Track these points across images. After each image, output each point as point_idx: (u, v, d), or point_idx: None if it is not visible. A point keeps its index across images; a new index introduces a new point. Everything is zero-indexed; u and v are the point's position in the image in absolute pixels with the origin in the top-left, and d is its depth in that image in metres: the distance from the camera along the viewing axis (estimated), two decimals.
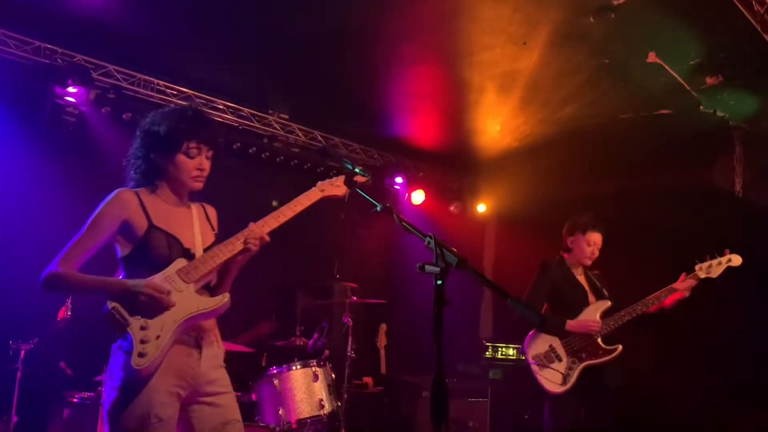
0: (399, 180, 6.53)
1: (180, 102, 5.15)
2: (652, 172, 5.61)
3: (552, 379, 3.84)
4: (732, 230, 5.30)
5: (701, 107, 4.64)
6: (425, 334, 1.94)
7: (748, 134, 4.91)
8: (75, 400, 3.69)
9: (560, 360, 3.86)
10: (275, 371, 4.03)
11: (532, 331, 4.02)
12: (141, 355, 2.12)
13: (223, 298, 2.31)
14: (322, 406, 3.99)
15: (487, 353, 6.13)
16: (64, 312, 3.60)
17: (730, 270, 3.80)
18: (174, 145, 2.34)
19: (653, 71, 4.38)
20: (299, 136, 5.76)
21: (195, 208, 2.50)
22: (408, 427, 5.09)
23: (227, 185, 5.34)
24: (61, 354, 3.91)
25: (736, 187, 4.92)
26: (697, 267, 3.86)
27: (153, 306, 2.18)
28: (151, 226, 2.30)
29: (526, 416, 5.87)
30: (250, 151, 5.51)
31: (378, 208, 2.32)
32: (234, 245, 2.35)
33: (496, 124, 5.62)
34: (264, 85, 5.35)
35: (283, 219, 2.47)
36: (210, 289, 2.39)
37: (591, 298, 3.98)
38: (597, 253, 4.04)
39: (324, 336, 4.38)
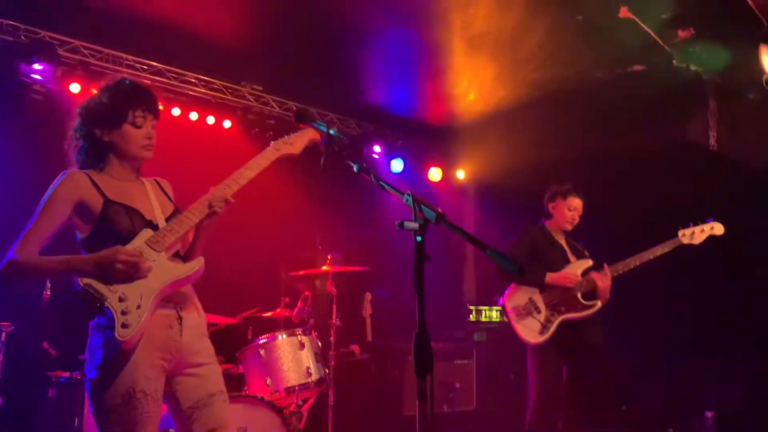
0: (377, 149, 6.50)
1: (151, 76, 5.06)
2: (627, 129, 5.64)
3: (531, 328, 3.90)
4: (708, 184, 5.37)
5: (674, 62, 4.65)
6: (410, 301, 1.95)
7: (721, 87, 4.94)
8: (60, 379, 3.68)
9: (539, 312, 3.92)
10: (261, 342, 4.03)
11: (512, 285, 4.07)
12: (124, 326, 2.07)
13: (198, 263, 2.27)
14: (310, 374, 4.00)
15: (471, 317, 6.21)
16: (45, 292, 3.56)
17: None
18: (119, 115, 2.27)
19: (626, 27, 4.38)
20: (274, 107, 5.70)
21: (148, 183, 2.44)
22: (396, 392, 5.15)
23: (202, 160, 5.33)
24: (44, 334, 3.88)
25: (710, 140, 4.97)
26: (680, 233, 3.95)
27: (129, 274, 2.12)
28: (108, 201, 2.23)
29: (512, 376, 5.96)
30: (225, 124, 5.44)
31: (355, 169, 2.31)
32: (199, 210, 2.32)
33: (472, 87, 5.60)
34: (236, 57, 5.27)
35: (243, 181, 2.43)
36: (181, 258, 2.35)
37: (572, 258, 4.05)
38: (577, 219, 4.11)
39: (308, 305, 4.39)
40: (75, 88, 4.70)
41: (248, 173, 2.45)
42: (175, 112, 5.19)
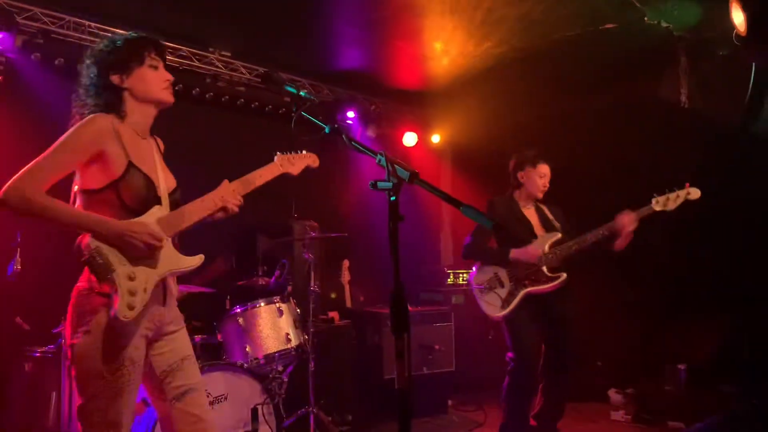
0: (351, 114, 6.44)
1: None
2: (601, 88, 5.65)
3: (492, 303, 3.93)
4: (679, 141, 5.42)
5: (646, 19, 4.63)
6: (388, 267, 1.94)
7: (692, 44, 4.95)
8: (35, 354, 3.64)
9: (503, 286, 3.94)
10: (239, 310, 4.02)
11: (477, 264, 4.11)
12: (130, 307, 2.08)
13: (200, 259, 2.32)
14: (289, 340, 4.01)
15: (449, 280, 6.26)
16: (15, 266, 3.49)
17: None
18: (136, 57, 2.26)
19: None
20: (243, 73, 5.58)
21: (152, 142, 2.40)
22: (376, 357, 5.19)
23: (171, 128, 5.23)
24: (16, 309, 3.82)
25: (681, 97, 4.99)
26: (653, 201, 3.92)
27: (145, 254, 2.14)
28: (131, 164, 2.18)
29: (490, 337, 6.05)
30: (193, 92, 5.33)
31: (326, 130, 2.29)
32: (213, 203, 2.39)
33: (445, 50, 5.54)
34: (203, 22, 5.13)
35: (251, 187, 2.53)
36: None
37: (539, 231, 4.03)
38: (548, 185, 4.10)
39: (285, 273, 4.38)
40: (36, 57, 4.55)
41: (256, 181, 2.55)
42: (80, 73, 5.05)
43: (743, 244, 5.01)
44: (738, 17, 3.73)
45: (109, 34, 4.87)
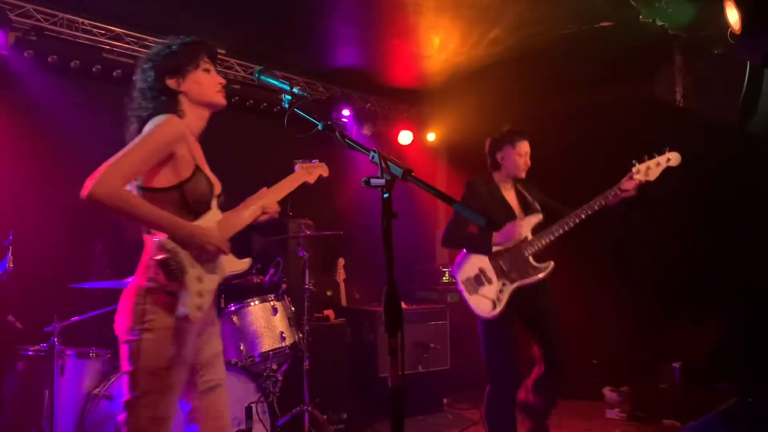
0: (346, 113, 6.42)
1: (109, 41, 4.89)
2: (596, 87, 5.65)
3: (483, 303, 3.70)
4: (674, 140, 5.42)
5: (641, 17, 4.63)
6: (384, 265, 1.93)
7: (687, 43, 4.95)
8: (28, 353, 3.61)
9: (490, 283, 3.70)
10: (233, 308, 4.01)
11: (461, 253, 3.86)
12: (199, 308, 2.17)
13: (247, 263, 2.43)
14: (284, 339, 4.00)
15: (444, 278, 6.26)
16: (7, 264, 3.47)
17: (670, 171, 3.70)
18: (191, 61, 2.33)
19: None
20: (238, 71, 5.57)
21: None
22: (370, 355, 5.18)
23: None
24: (8, 308, 3.80)
25: (677, 96, 4.99)
26: (634, 170, 3.70)
27: (211, 259, 2.23)
28: (197, 168, 2.26)
29: None
30: None
31: (319, 127, 2.27)
32: (256, 212, 2.51)
33: (440, 48, 5.54)
34: (197, 20, 5.10)
35: (283, 194, 2.68)
36: None
37: (519, 213, 3.80)
38: (529, 162, 3.84)
39: (280, 271, 4.36)
40: (29, 54, 4.52)
41: (284, 191, 2.70)
42: (135, 78, 5.03)
43: (739, 242, 5.02)
44: (732, 15, 3.72)
45: (103, 31, 4.86)
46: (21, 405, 3.56)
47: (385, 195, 1.95)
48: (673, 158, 3.73)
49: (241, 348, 3.91)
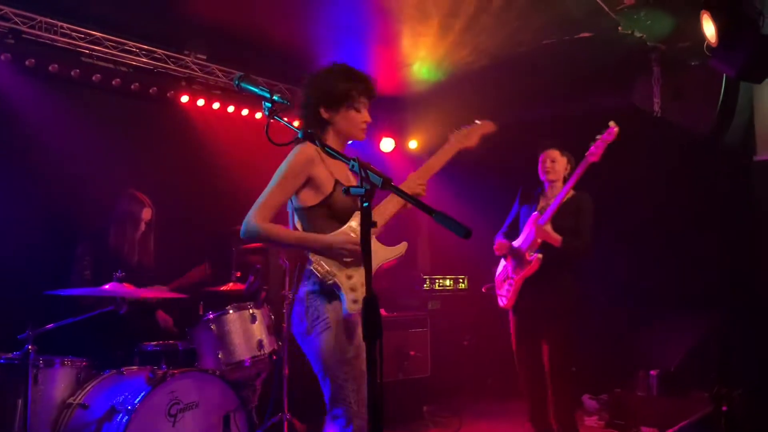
0: None
1: (88, 45, 4.84)
2: (575, 97, 5.70)
3: (501, 296, 4.23)
4: (652, 151, 5.50)
5: (620, 28, 4.69)
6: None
7: (664, 55, 5.02)
8: (1, 361, 3.54)
9: (508, 279, 4.19)
10: (211, 316, 3.97)
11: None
12: (354, 301, 2.43)
13: (403, 247, 2.63)
14: (262, 347, 3.97)
15: (425, 285, 6.26)
16: None
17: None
18: (344, 100, 2.56)
19: None
20: (219, 77, 5.53)
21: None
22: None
23: (148, 132, 5.17)
24: None
25: (654, 107, 5.06)
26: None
27: (351, 258, 2.45)
28: (337, 182, 2.52)
29: (465, 342, 6.07)
30: (168, 94, 5.28)
31: (299, 135, 2.28)
32: (399, 199, 2.61)
33: (421, 56, 5.56)
34: (179, 24, 5.08)
35: (433, 171, 2.79)
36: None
37: None
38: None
39: (259, 278, 4.34)
40: (6, 57, 4.47)
41: (435, 166, 2.80)
42: (115, 83, 4.99)
43: (714, 251, 5.09)
44: (709, 29, 3.79)
45: (82, 35, 4.80)
46: None
47: (365, 204, 1.95)
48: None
49: (219, 356, 3.87)
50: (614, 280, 5.53)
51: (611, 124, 4.02)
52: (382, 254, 2.59)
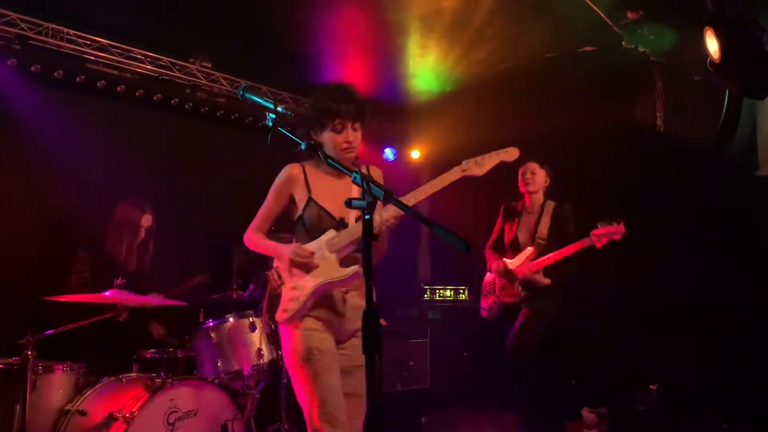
0: None
1: (94, 52, 4.87)
2: (577, 109, 5.71)
3: (484, 309, 4.69)
4: (654, 165, 5.50)
5: (623, 43, 4.71)
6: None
7: (667, 69, 5.04)
8: (0, 366, 3.53)
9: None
10: (211, 324, 3.97)
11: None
12: (285, 311, 2.65)
13: (353, 270, 2.61)
14: (261, 356, 3.96)
15: (426, 296, 6.25)
16: None
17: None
18: (321, 123, 2.67)
19: (576, 7, 4.41)
20: (224, 85, 5.55)
21: (348, 179, 2.58)
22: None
23: (151, 139, 5.19)
24: None
25: (657, 121, 5.07)
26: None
27: (303, 269, 2.61)
28: (309, 200, 2.68)
29: (465, 353, 6.05)
30: (172, 101, 5.30)
31: (302, 146, 2.29)
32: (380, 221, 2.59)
33: (425, 67, 5.58)
34: (184, 32, 5.11)
35: (421, 197, 2.63)
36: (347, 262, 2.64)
37: None
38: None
39: (260, 287, 4.33)
40: (12, 63, 4.49)
41: (429, 189, 2.66)
42: (120, 89, 5.01)
43: (717, 265, 5.08)
44: (712, 44, 3.80)
45: (88, 42, 4.83)
46: None
47: (366, 216, 1.96)
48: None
49: (218, 364, 3.86)
50: (616, 293, 5.51)
51: (621, 222, 4.26)
52: (329, 273, 2.61)
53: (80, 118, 4.78)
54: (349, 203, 2.02)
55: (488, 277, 4.64)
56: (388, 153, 7.05)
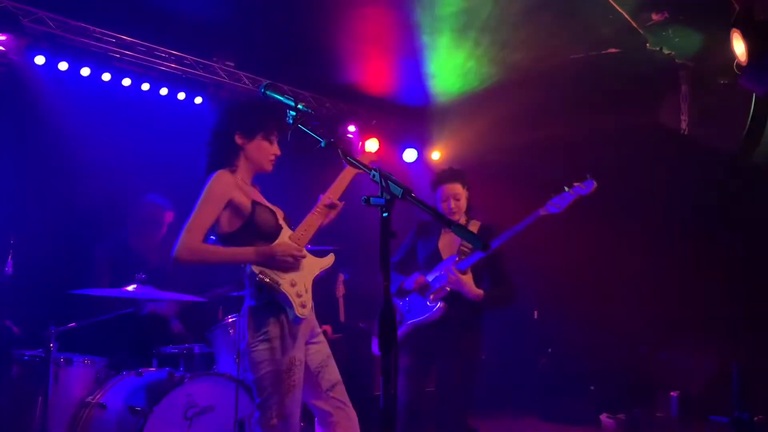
0: (352, 129, 6.44)
1: (119, 50, 4.93)
2: (601, 111, 5.66)
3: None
4: (678, 168, 5.43)
5: (648, 45, 4.66)
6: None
7: (693, 72, 4.98)
8: (25, 357, 3.60)
9: None
10: (230, 320, 3.99)
11: None
12: (303, 305, 2.57)
13: (331, 259, 2.74)
14: None
15: None
16: (7, 269, 3.48)
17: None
18: (260, 128, 2.64)
19: (601, 8, 4.37)
20: (246, 84, 5.59)
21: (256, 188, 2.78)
22: (367, 371, 5.15)
23: (172, 136, 5.23)
24: (6, 313, 3.79)
25: (682, 124, 5.01)
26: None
27: (293, 265, 2.57)
28: (254, 203, 2.60)
29: (482, 356, 6.00)
30: (196, 100, 5.35)
31: (322, 144, 2.29)
32: (322, 214, 2.75)
33: (448, 68, 5.57)
34: (208, 32, 5.15)
35: (340, 190, 2.86)
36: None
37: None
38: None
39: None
40: (40, 60, 4.57)
41: (343, 183, 2.87)
42: (145, 87, 5.07)
43: (741, 271, 5.00)
44: (739, 47, 3.73)
45: (113, 40, 4.89)
46: (12, 411, 3.53)
47: (384, 215, 1.96)
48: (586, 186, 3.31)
49: (236, 360, 3.88)
50: (636, 299, 5.45)
51: (589, 176, 3.55)
52: (316, 264, 2.72)
53: (105, 114, 4.84)
54: (367, 200, 2.02)
55: None
56: (409, 154, 7.03)
